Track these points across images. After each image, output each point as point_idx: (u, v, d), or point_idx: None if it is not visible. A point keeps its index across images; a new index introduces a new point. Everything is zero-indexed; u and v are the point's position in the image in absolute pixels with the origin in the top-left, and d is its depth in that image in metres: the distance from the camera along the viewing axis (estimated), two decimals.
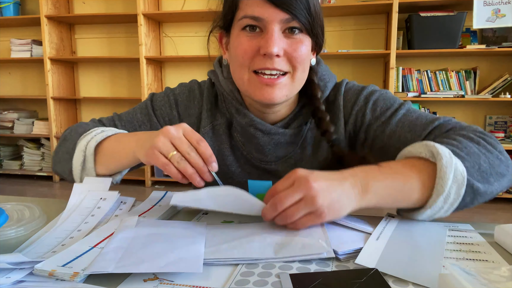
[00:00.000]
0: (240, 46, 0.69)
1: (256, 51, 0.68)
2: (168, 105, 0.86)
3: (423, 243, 0.55)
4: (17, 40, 3.69)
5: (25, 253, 0.51)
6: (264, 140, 0.80)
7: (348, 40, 3.39)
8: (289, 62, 0.69)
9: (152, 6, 3.53)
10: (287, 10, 0.65)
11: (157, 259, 0.48)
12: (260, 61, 0.68)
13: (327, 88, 0.81)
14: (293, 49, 0.68)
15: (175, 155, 0.60)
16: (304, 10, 0.66)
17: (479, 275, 0.40)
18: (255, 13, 0.66)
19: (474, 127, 0.69)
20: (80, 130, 0.80)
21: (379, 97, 0.79)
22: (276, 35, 0.66)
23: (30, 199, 0.78)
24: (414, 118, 0.74)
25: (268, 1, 0.65)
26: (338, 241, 0.54)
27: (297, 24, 0.67)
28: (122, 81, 3.88)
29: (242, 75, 0.72)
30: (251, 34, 0.68)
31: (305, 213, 0.55)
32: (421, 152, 0.60)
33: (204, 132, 0.84)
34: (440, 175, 0.57)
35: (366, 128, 0.78)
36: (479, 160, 0.61)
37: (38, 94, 3.94)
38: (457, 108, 3.31)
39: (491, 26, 2.70)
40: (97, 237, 0.57)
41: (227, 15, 0.72)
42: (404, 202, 0.60)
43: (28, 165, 3.87)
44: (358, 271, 0.46)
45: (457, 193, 0.58)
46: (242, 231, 0.57)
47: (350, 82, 0.84)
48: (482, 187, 0.59)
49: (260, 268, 0.48)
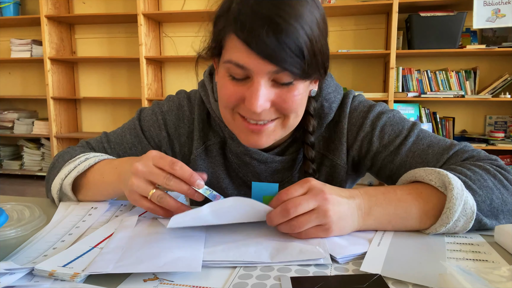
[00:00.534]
0: (225, 89, 0.62)
1: (240, 99, 0.61)
2: (157, 125, 0.80)
3: (424, 247, 0.54)
4: (17, 40, 3.69)
5: (16, 257, 0.51)
6: (261, 168, 0.77)
7: (348, 40, 3.39)
8: (279, 111, 0.62)
9: (152, 6, 3.53)
10: (275, 63, 0.56)
11: (156, 259, 0.48)
12: (245, 109, 0.61)
13: (332, 110, 0.75)
14: (283, 99, 0.60)
15: (154, 194, 0.57)
16: (296, 59, 0.56)
17: (479, 275, 0.40)
18: (240, 61, 0.58)
19: (493, 157, 0.66)
20: (66, 157, 0.76)
21: (386, 122, 0.73)
22: (262, 90, 0.58)
23: (30, 199, 0.78)
24: (425, 146, 0.70)
25: (255, 52, 0.55)
26: (336, 246, 0.53)
27: (288, 77, 0.58)
28: (122, 81, 3.88)
29: (227, 115, 0.66)
30: (236, 81, 0.61)
31: (314, 224, 0.53)
32: (432, 180, 0.58)
33: (196, 154, 0.79)
34: (449, 206, 0.54)
35: (373, 155, 0.74)
36: (492, 195, 0.58)
37: (38, 94, 3.94)
38: (457, 108, 3.31)
39: (491, 26, 2.70)
40: (97, 237, 0.57)
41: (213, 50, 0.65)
42: (403, 229, 0.59)
43: (28, 165, 3.87)
44: (360, 276, 0.45)
45: (464, 226, 0.56)
46: (241, 233, 0.57)
47: (356, 99, 0.77)
48: (489, 223, 0.58)
49: (258, 270, 0.47)
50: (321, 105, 0.75)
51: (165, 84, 3.80)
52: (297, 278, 0.45)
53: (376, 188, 0.59)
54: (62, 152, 0.80)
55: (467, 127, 3.35)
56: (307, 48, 0.57)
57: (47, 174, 0.79)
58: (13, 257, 0.51)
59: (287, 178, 0.79)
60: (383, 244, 0.54)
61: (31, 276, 0.46)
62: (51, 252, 0.53)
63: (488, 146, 3.02)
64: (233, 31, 0.58)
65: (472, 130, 3.35)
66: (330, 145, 0.78)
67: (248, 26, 0.55)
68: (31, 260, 0.50)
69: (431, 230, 0.57)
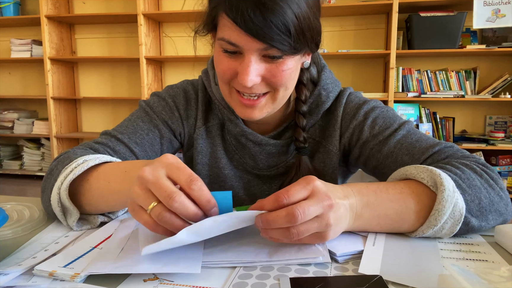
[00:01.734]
0: (220, 65, 0.66)
1: (234, 73, 0.65)
2: (168, 108, 0.82)
3: (419, 245, 0.54)
4: (17, 40, 3.69)
5: (5, 261, 0.50)
6: (256, 150, 0.80)
7: (348, 40, 3.39)
8: (269, 85, 0.66)
9: (152, 6, 3.53)
10: (263, 41, 0.59)
11: (155, 260, 0.48)
12: (239, 83, 0.65)
13: (329, 99, 0.79)
14: (272, 74, 0.64)
15: (154, 209, 0.47)
16: (284, 36, 0.59)
17: (479, 275, 0.40)
18: (232, 39, 0.61)
19: (476, 157, 0.67)
20: (66, 162, 0.66)
21: (379, 115, 0.76)
22: (252, 66, 0.62)
23: (30, 199, 0.78)
24: (414, 140, 0.72)
25: (243, 30, 0.59)
26: (335, 243, 0.54)
27: (276, 53, 0.62)
28: (122, 81, 3.88)
29: (225, 89, 0.70)
30: (230, 56, 0.65)
31: (312, 232, 0.49)
32: (423, 179, 0.57)
33: (198, 133, 0.82)
34: (438, 208, 0.54)
35: (362, 144, 0.76)
36: (480, 194, 0.58)
37: (38, 94, 3.94)
38: (457, 108, 3.31)
39: (491, 26, 2.70)
40: (98, 237, 0.57)
41: (208, 27, 0.69)
42: (390, 231, 0.58)
43: (28, 165, 3.87)
44: (360, 277, 0.45)
45: (450, 229, 0.55)
46: (240, 233, 0.57)
47: (353, 94, 0.81)
48: (477, 224, 0.57)
49: (258, 270, 0.47)
50: (319, 93, 0.79)
51: (165, 84, 3.79)
52: (296, 279, 0.45)
53: (368, 185, 0.57)
54: (62, 156, 0.70)
55: (467, 127, 3.35)
56: (294, 26, 0.60)
57: (43, 182, 0.68)
58: (8, 258, 0.51)
59: (281, 162, 0.81)
60: (378, 243, 0.54)
61: (30, 276, 0.46)
62: (42, 254, 0.52)
63: (488, 146, 3.02)
64: (223, 10, 0.61)
65: (472, 130, 3.35)
66: (325, 132, 0.81)
67: (236, 5, 0.59)
68: (18, 262, 0.49)
69: (418, 233, 0.56)
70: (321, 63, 0.82)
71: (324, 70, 0.80)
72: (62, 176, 0.61)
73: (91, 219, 0.63)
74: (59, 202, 0.60)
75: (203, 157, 0.83)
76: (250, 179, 0.83)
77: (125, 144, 0.76)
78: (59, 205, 0.60)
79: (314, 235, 0.50)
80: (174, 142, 0.83)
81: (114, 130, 0.78)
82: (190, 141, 0.85)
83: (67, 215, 0.61)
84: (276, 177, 0.82)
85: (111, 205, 0.62)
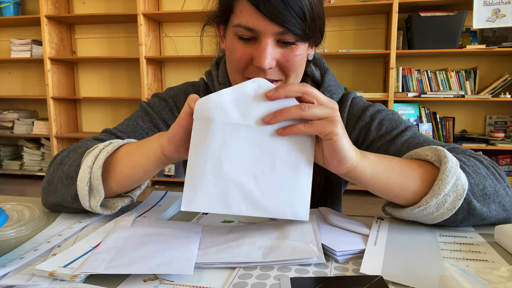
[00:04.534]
0: (235, 52, 0.68)
1: (249, 60, 0.67)
2: (168, 108, 0.83)
3: (420, 245, 0.54)
4: (17, 40, 3.69)
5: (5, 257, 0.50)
6: None
7: (348, 40, 3.39)
8: (282, 71, 0.68)
9: (152, 6, 3.53)
10: (280, 24, 0.62)
11: (148, 260, 0.48)
12: (253, 71, 0.67)
13: (333, 99, 0.80)
14: (286, 59, 0.67)
15: None
16: (299, 20, 0.63)
17: (478, 276, 0.40)
18: (249, 24, 0.63)
19: (484, 156, 0.68)
20: (80, 150, 0.68)
21: (385, 117, 0.77)
22: (269, 49, 0.64)
23: (30, 199, 0.78)
24: (421, 141, 0.72)
25: (261, 13, 0.62)
26: (335, 241, 0.54)
27: (291, 38, 0.64)
28: (122, 81, 3.88)
29: (236, 78, 0.71)
30: (245, 42, 0.67)
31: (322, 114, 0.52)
32: (428, 155, 0.59)
33: None
34: (441, 177, 0.55)
35: (368, 144, 0.77)
36: (485, 182, 0.59)
37: (38, 94, 3.94)
38: (457, 108, 3.31)
39: (491, 26, 2.70)
40: (98, 237, 0.57)
41: (222, 15, 0.70)
42: (398, 190, 0.58)
43: (28, 165, 3.87)
44: (361, 278, 0.45)
45: (452, 204, 0.56)
46: (236, 233, 0.57)
47: (357, 97, 0.83)
48: (479, 208, 0.57)
49: (258, 270, 0.47)
50: (310, 72, 0.81)
51: (165, 84, 3.79)
52: (297, 279, 0.45)
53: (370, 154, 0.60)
54: (70, 147, 0.72)
55: (467, 127, 3.35)
56: (308, 11, 0.63)
57: (51, 174, 0.69)
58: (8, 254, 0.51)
59: None
60: (379, 243, 0.54)
61: (30, 276, 0.46)
62: (30, 254, 0.52)
63: (488, 146, 3.02)
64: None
65: (472, 130, 3.35)
66: None
67: None
68: (3, 264, 0.49)
69: (422, 203, 0.56)
70: (324, 66, 0.83)
71: (327, 73, 0.82)
72: (91, 156, 0.63)
73: (110, 205, 0.66)
74: (88, 181, 0.62)
75: None
76: None
77: None
78: (88, 184, 0.62)
79: (326, 120, 0.52)
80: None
81: (115, 129, 0.80)
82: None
83: (91, 197, 0.63)
84: None
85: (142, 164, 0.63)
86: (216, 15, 0.71)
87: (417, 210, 0.57)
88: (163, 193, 0.77)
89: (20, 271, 0.47)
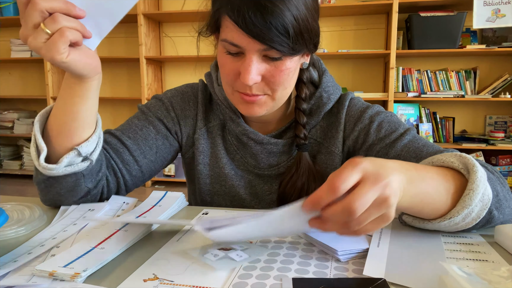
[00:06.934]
0: (224, 66, 0.69)
1: (237, 74, 0.67)
2: (164, 108, 0.85)
3: (423, 247, 0.54)
4: (17, 40, 3.69)
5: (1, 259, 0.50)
6: (257, 149, 0.81)
7: (348, 40, 3.39)
8: (268, 86, 0.68)
9: (152, 6, 3.53)
10: (263, 42, 0.61)
11: None
12: (241, 84, 0.68)
13: (330, 100, 0.80)
14: (271, 74, 0.66)
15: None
16: (283, 38, 0.61)
17: (479, 276, 0.40)
18: (234, 40, 0.64)
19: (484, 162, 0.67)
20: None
21: (384, 119, 0.77)
22: (253, 65, 0.64)
23: (30, 199, 0.78)
24: (420, 145, 0.71)
25: (244, 31, 0.61)
26: (336, 240, 0.53)
27: (276, 54, 0.64)
28: (122, 81, 3.88)
29: (227, 89, 0.73)
30: (232, 57, 0.67)
31: (373, 218, 0.45)
32: (454, 163, 0.56)
33: (199, 134, 0.84)
34: (472, 187, 0.52)
35: (367, 147, 0.77)
36: (497, 187, 0.58)
37: (38, 94, 3.94)
38: (457, 108, 3.31)
39: (491, 26, 2.70)
40: (98, 237, 0.57)
41: (212, 29, 0.71)
42: (429, 209, 0.54)
43: (28, 165, 3.87)
44: (363, 280, 0.45)
45: (478, 213, 0.54)
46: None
47: (355, 98, 0.83)
48: (497, 216, 0.56)
49: (258, 270, 0.47)
50: (320, 95, 0.80)
51: (165, 84, 3.80)
52: (298, 279, 0.45)
53: (408, 162, 0.54)
54: None
55: (467, 127, 3.35)
56: (293, 28, 0.62)
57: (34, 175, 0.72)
58: (4, 257, 0.51)
59: (283, 162, 0.82)
60: (382, 245, 0.54)
61: (30, 276, 0.46)
62: (24, 257, 0.51)
63: (488, 146, 3.02)
64: (226, 12, 0.64)
65: (472, 130, 3.35)
66: (327, 133, 0.82)
67: (238, 7, 0.61)
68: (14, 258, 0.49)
69: (452, 214, 0.53)
70: (322, 67, 0.84)
71: (325, 74, 0.82)
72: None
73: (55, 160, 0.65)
74: (34, 143, 0.65)
75: (205, 157, 0.84)
76: (251, 178, 0.84)
77: (117, 137, 0.80)
78: (34, 145, 0.65)
79: (377, 220, 0.46)
80: (171, 139, 0.85)
81: (110, 128, 0.83)
82: (188, 142, 0.86)
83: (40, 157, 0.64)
84: (277, 177, 0.83)
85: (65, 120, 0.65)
86: (208, 26, 0.72)
87: (445, 222, 0.54)
88: (163, 193, 0.77)
89: (20, 271, 0.47)
